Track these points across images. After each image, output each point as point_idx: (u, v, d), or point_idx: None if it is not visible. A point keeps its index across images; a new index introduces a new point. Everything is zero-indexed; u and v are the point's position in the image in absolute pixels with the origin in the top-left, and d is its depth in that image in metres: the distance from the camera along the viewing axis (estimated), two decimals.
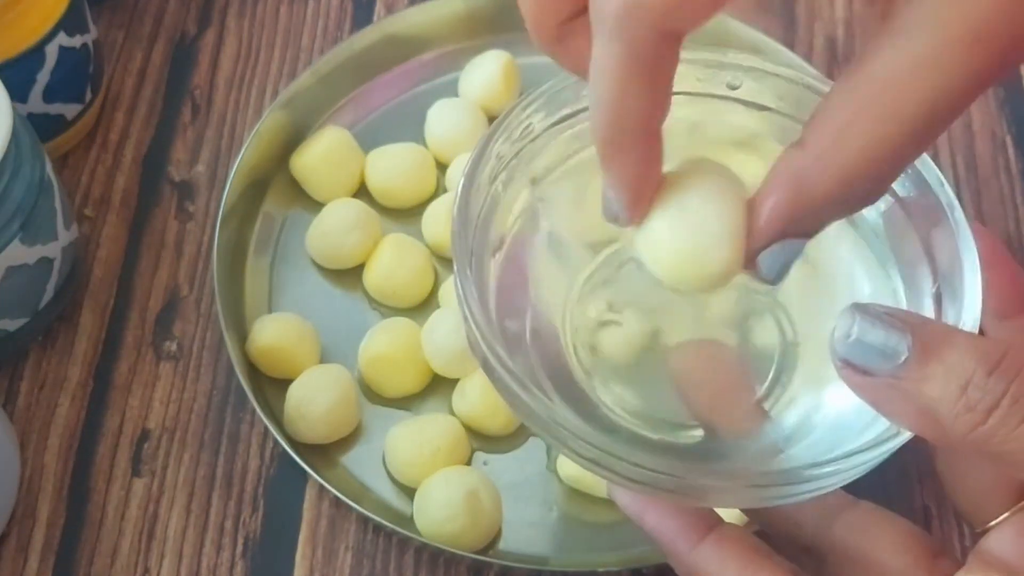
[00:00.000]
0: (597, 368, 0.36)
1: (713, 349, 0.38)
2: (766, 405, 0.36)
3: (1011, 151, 0.54)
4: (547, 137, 0.37)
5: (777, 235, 0.29)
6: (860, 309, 0.29)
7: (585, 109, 0.36)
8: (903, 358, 0.28)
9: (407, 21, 0.55)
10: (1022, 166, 0.54)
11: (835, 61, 0.57)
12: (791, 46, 0.56)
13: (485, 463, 0.45)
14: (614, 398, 0.36)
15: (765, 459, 0.35)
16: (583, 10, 0.29)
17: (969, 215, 0.52)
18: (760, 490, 0.31)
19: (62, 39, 0.49)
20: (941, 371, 0.28)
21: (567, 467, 0.45)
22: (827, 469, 0.31)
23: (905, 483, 0.46)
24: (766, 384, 0.36)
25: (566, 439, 0.32)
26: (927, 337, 0.28)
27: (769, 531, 0.36)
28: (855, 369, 0.29)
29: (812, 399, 0.35)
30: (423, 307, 0.49)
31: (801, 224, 0.29)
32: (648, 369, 0.37)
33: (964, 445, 0.28)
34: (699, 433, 0.36)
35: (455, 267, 0.33)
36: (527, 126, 0.36)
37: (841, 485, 0.32)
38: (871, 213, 0.36)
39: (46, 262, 0.45)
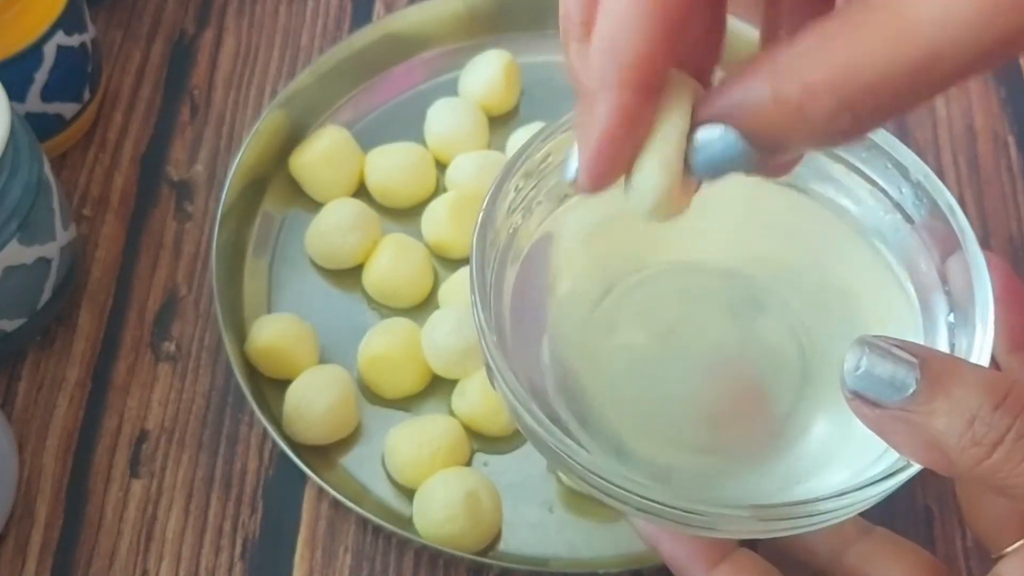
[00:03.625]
0: (613, 392, 0.36)
1: (736, 375, 0.37)
2: (786, 431, 0.36)
3: (1013, 151, 0.54)
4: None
5: (720, 115, 0.27)
6: (869, 342, 0.29)
7: None
8: (911, 391, 0.28)
9: (407, 21, 0.55)
10: None
11: None
12: None
13: (485, 464, 0.45)
14: (630, 423, 0.36)
15: (783, 489, 0.35)
16: None
17: (971, 214, 0.52)
18: (769, 522, 0.32)
19: (60, 38, 0.49)
20: (948, 405, 0.28)
21: None
22: (834, 503, 0.31)
23: (907, 484, 0.45)
24: (786, 410, 0.36)
25: (576, 469, 0.32)
26: (935, 370, 0.28)
27: (782, 557, 0.36)
28: (864, 401, 0.29)
29: (831, 427, 0.35)
30: (423, 307, 0.49)
31: (743, 115, 0.26)
32: (665, 394, 0.37)
33: (971, 478, 0.28)
34: (716, 460, 0.36)
35: (473, 299, 0.33)
36: (545, 154, 0.36)
37: (848, 517, 0.32)
38: (892, 238, 0.36)
39: (44, 262, 0.45)
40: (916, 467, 0.31)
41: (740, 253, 0.38)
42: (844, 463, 0.34)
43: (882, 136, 0.36)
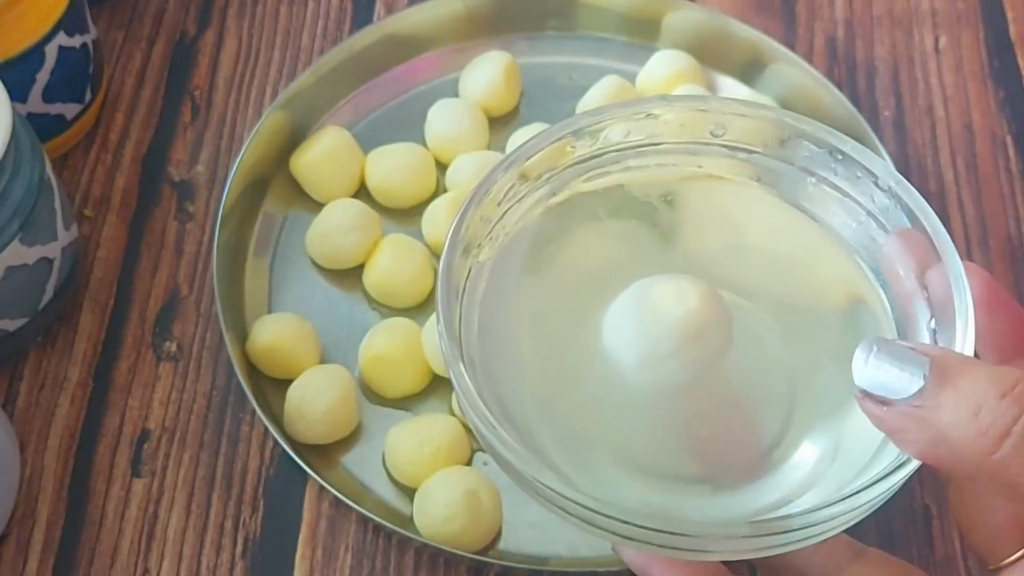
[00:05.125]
0: (598, 423, 0.36)
1: (720, 400, 0.37)
2: (773, 455, 0.35)
3: (1011, 151, 0.54)
4: (533, 196, 0.37)
5: None
6: (879, 340, 0.29)
7: (571, 165, 0.37)
8: (920, 387, 0.28)
9: (407, 21, 0.55)
10: (1022, 166, 0.54)
11: (835, 61, 0.57)
12: (791, 46, 0.56)
13: (485, 463, 0.45)
14: (611, 449, 0.35)
15: (771, 513, 0.34)
16: None
17: (968, 214, 0.52)
18: (758, 539, 0.31)
19: (62, 39, 0.49)
20: (955, 397, 0.28)
21: None
22: (824, 513, 0.30)
23: (905, 483, 0.45)
24: (773, 433, 0.36)
25: (556, 500, 0.31)
26: (943, 365, 0.28)
27: None
28: (874, 400, 0.29)
29: (818, 451, 0.35)
30: (423, 307, 0.49)
31: None
32: (648, 419, 0.36)
33: (980, 476, 0.28)
34: (703, 487, 0.35)
35: (442, 342, 0.33)
36: (511, 187, 0.36)
37: (842, 530, 0.32)
38: (869, 248, 0.36)
39: (46, 262, 0.45)
40: (904, 472, 0.30)
41: (725, 276, 0.37)
42: (831, 483, 0.33)
43: (851, 146, 0.35)
